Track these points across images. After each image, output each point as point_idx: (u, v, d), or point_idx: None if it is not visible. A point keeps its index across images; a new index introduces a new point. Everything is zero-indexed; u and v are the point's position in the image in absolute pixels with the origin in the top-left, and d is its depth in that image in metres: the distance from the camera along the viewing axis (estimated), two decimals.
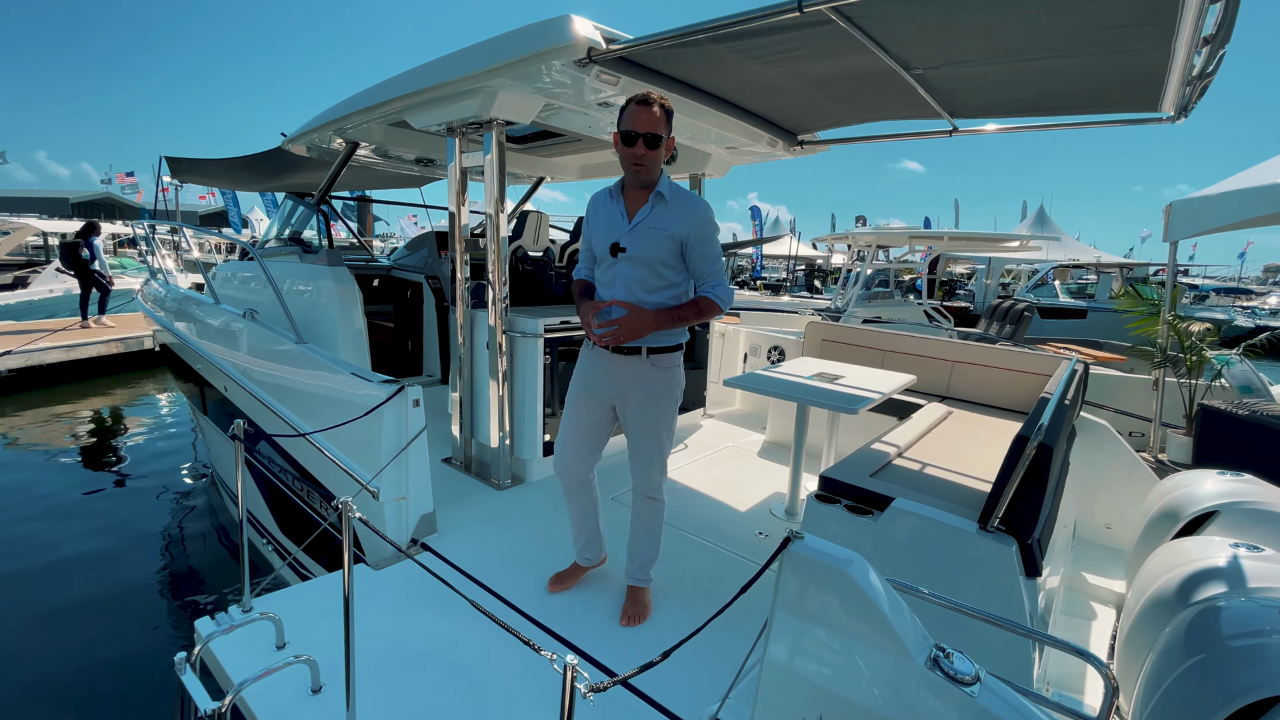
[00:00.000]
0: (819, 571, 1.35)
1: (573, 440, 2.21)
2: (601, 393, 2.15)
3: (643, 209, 1.99)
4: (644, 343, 2.03)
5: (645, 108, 1.89)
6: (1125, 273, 16.50)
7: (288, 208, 4.53)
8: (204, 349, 3.82)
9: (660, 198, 1.99)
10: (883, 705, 1.24)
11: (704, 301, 2.04)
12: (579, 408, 2.20)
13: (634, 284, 2.00)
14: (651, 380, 2.09)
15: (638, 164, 1.92)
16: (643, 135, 1.88)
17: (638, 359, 2.06)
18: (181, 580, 4.11)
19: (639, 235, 1.97)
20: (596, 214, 2.09)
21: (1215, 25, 1.91)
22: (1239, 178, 4.68)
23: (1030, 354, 3.70)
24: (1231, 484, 2.56)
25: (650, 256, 1.97)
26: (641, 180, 1.97)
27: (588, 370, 2.17)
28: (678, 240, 1.98)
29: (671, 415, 2.15)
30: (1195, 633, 1.73)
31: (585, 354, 2.19)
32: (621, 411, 2.16)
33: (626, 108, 1.92)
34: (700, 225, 1.98)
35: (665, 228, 1.96)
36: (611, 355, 2.07)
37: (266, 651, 1.91)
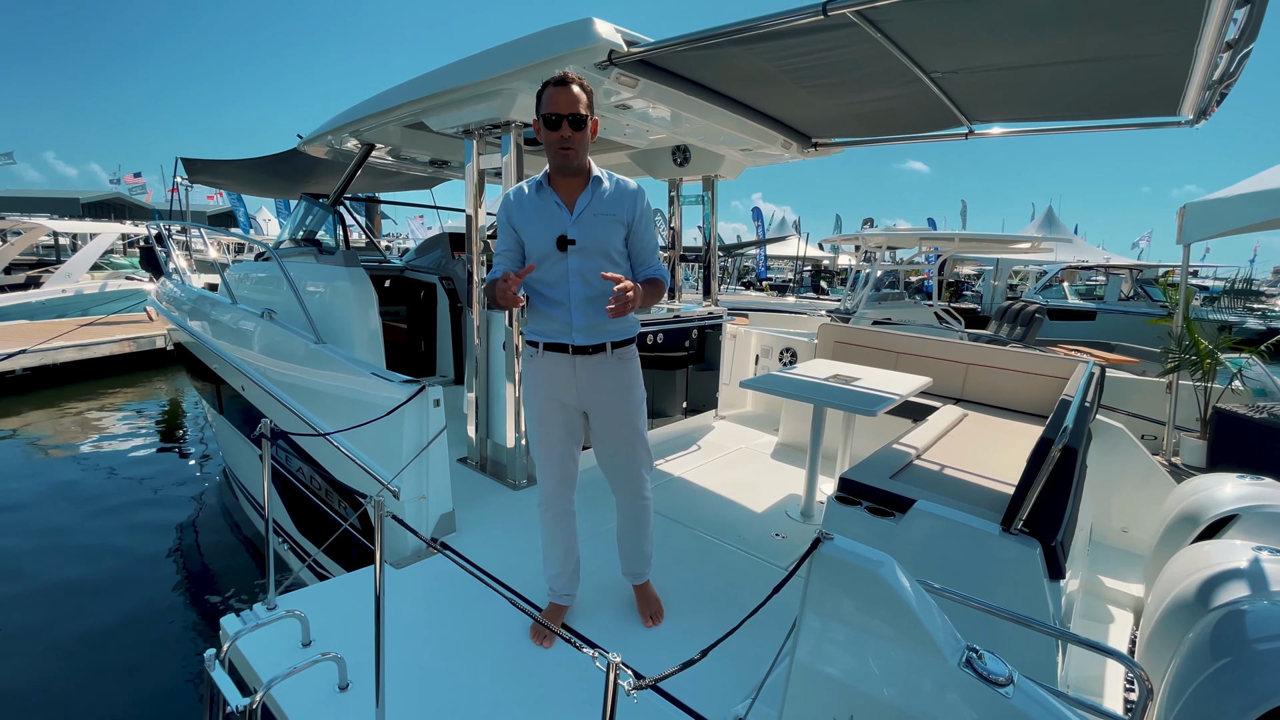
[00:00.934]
0: (850, 573, 1.35)
1: (556, 460, 2.06)
2: (571, 400, 2.00)
3: (583, 196, 1.88)
4: (607, 337, 1.95)
5: (564, 88, 1.77)
6: (1135, 274, 16.42)
7: (303, 208, 4.56)
8: (220, 348, 3.85)
9: (599, 182, 1.90)
10: (916, 706, 1.24)
11: (659, 282, 1.96)
12: (552, 422, 2.02)
13: (590, 275, 1.88)
14: (621, 374, 2.01)
15: (566, 147, 1.80)
16: (566, 117, 1.77)
17: (603, 356, 1.96)
18: (196, 578, 4.14)
19: (587, 224, 1.87)
20: (523, 211, 1.91)
21: (1239, 30, 1.91)
22: (1254, 180, 4.66)
23: (1045, 357, 3.69)
24: (1251, 488, 2.56)
25: (603, 244, 1.89)
26: (571, 165, 1.85)
27: (549, 379, 1.99)
28: (625, 224, 1.92)
29: (645, 407, 2.08)
30: (1221, 636, 1.72)
31: (540, 363, 1.98)
32: (596, 415, 2.03)
33: (544, 92, 1.81)
34: (644, 207, 1.95)
35: (612, 212, 1.89)
36: (574, 357, 1.94)
37: (292, 649, 1.93)
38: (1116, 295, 15.10)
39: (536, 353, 2.00)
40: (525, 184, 1.97)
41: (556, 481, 2.09)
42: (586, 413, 2.06)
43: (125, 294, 10.82)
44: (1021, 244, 8.01)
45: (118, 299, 10.76)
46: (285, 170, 5.79)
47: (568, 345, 1.94)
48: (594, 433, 2.08)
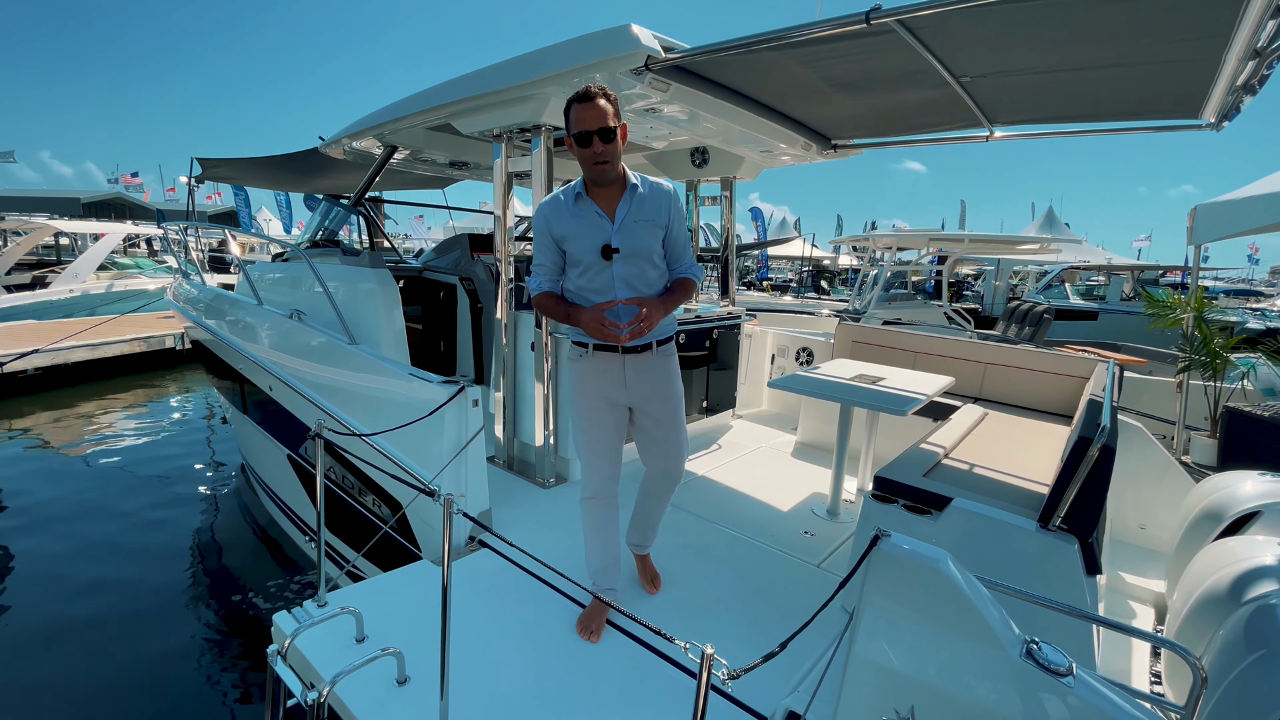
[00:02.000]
0: (909, 568, 1.40)
1: (606, 457, 2.14)
2: (620, 399, 2.10)
3: (622, 204, 1.94)
4: (651, 337, 2.05)
5: (590, 104, 1.82)
6: (1136, 275, 16.51)
7: (323, 209, 4.59)
8: (246, 349, 3.88)
9: (635, 188, 1.95)
10: (978, 697, 1.29)
11: (689, 282, 2.06)
12: (603, 421, 2.11)
13: (635, 280, 1.97)
14: (665, 370, 2.12)
15: (600, 162, 1.86)
16: (595, 132, 1.82)
17: (648, 354, 2.06)
18: (217, 575, 4.17)
19: (629, 231, 1.93)
20: (564, 221, 1.97)
21: (1269, 37, 1.95)
22: (1264, 182, 4.72)
23: (1063, 357, 3.74)
24: (1273, 484, 2.60)
25: (645, 250, 1.96)
26: (607, 177, 1.91)
27: (598, 379, 2.08)
28: (663, 227, 1.99)
29: (683, 401, 2.20)
30: (1254, 630, 1.77)
31: (589, 363, 2.07)
32: (642, 410, 2.13)
33: (570, 109, 1.86)
34: (678, 208, 2.03)
35: (651, 217, 1.96)
36: (623, 357, 2.03)
37: (347, 645, 1.97)
38: (1119, 296, 15.19)
39: (586, 353, 2.08)
40: (560, 194, 2.02)
41: (605, 477, 2.16)
42: (631, 407, 2.15)
43: (131, 294, 10.83)
44: (1029, 245, 8.07)
45: (123, 299, 10.77)
46: (301, 167, 5.82)
47: (618, 345, 2.01)
48: (638, 427, 2.19)
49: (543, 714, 1.78)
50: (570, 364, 2.14)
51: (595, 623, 2.11)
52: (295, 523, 4.02)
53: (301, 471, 3.61)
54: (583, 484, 2.19)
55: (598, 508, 2.17)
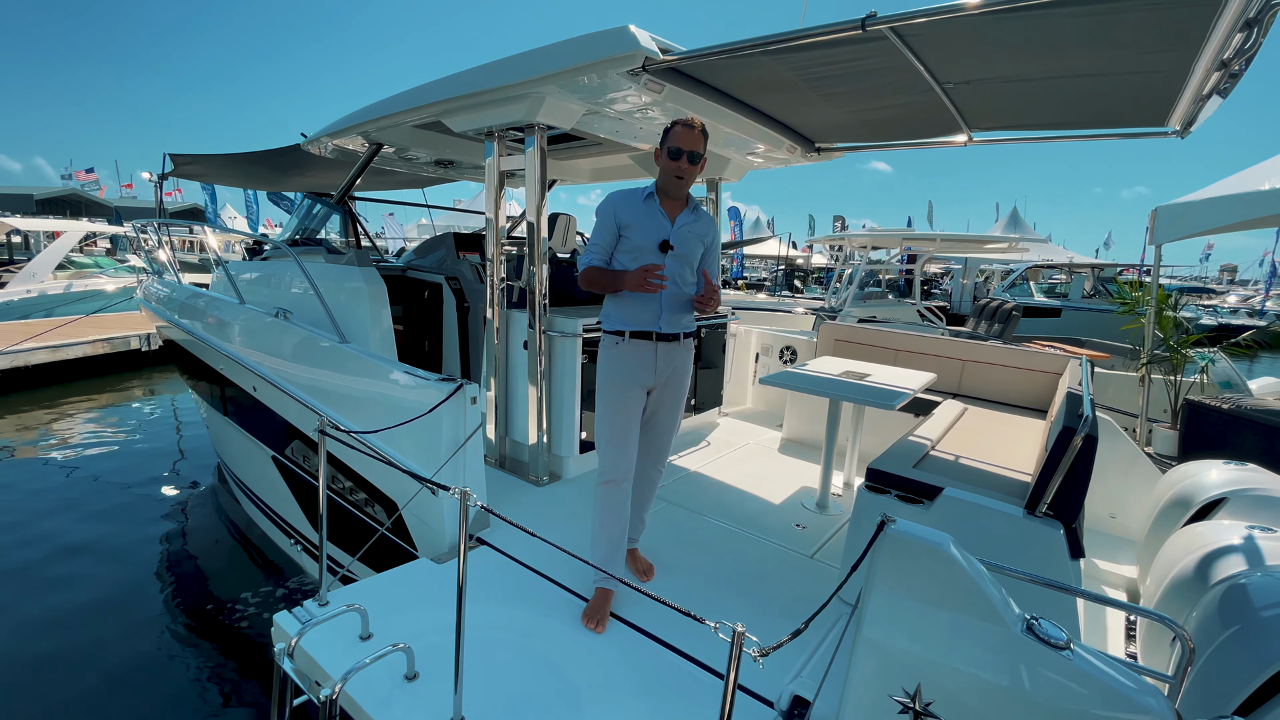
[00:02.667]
0: (916, 551, 1.46)
1: (629, 441, 2.31)
2: (648, 382, 2.31)
3: (682, 215, 2.28)
4: (681, 328, 2.32)
5: (691, 130, 2.18)
6: (1096, 273, 17.15)
7: (304, 207, 4.52)
8: (228, 349, 3.80)
9: (695, 207, 2.32)
10: (983, 671, 1.35)
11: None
12: (632, 404, 2.30)
13: (678, 278, 2.28)
14: (686, 360, 2.39)
15: (682, 177, 2.20)
16: (687, 152, 2.17)
17: (677, 343, 2.32)
18: (196, 582, 4.07)
19: (683, 237, 2.26)
20: (632, 212, 2.25)
21: (1234, 49, 2.07)
22: (1222, 184, 4.96)
23: (1038, 353, 3.89)
24: (1236, 473, 2.75)
25: (690, 256, 2.30)
26: (680, 192, 2.25)
27: (632, 365, 2.28)
28: (705, 245, 2.35)
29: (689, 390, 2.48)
30: (1227, 607, 1.88)
31: (625, 350, 2.28)
32: (661, 395, 2.37)
33: (673, 129, 2.19)
34: (718, 235, 2.45)
35: (700, 234, 2.31)
36: (656, 344, 2.27)
37: (351, 643, 1.96)
38: (1080, 293, 15.77)
39: (622, 340, 2.28)
40: (632, 190, 2.31)
41: (627, 461, 2.31)
42: (652, 390, 2.36)
43: (91, 294, 10.44)
44: (998, 244, 8.33)
45: (83, 299, 10.39)
46: (279, 164, 5.71)
47: (653, 333, 2.27)
48: (653, 408, 2.40)
49: (555, 706, 1.80)
50: (604, 352, 2.32)
51: (600, 613, 2.17)
52: (280, 525, 3.96)
53: (287, 473, 3.55)
54: (600, 469, 2.31)
55: (615, 491, 2.29)
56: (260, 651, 3.36)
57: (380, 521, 2.86)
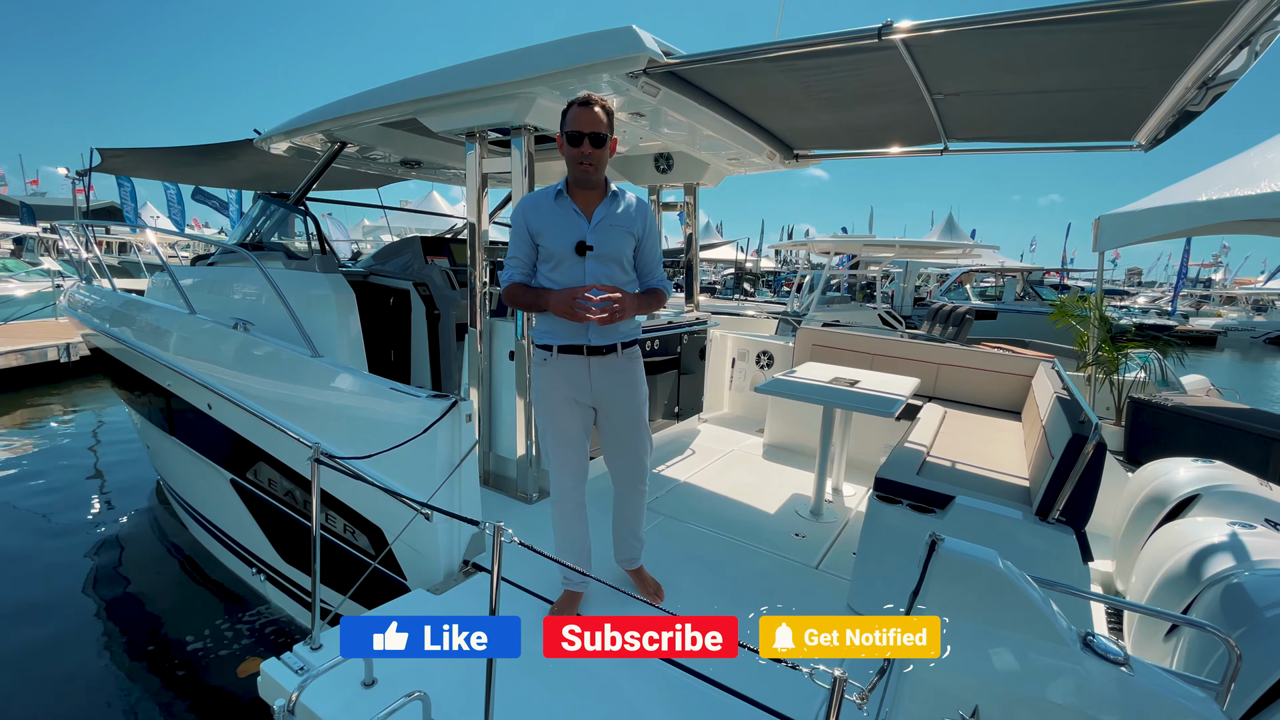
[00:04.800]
0: (969, 569, 1.43)
1: (571, 457, 2.16)
2: (585, 398, 2.13)
3: (601, 207, 2.03)
4: (616, 338, 2.10)
5: (588, 109, 1.93)
6: (1026, 276, 18.15)
7: (258, 208, 4.21)
8: (178, 363, 3.48)
9: (615, 196, 2.06)
10: (1044, 691, 1.33)
11: (659, 292, 2.16)
12: (568, 423, 2.13)
13: (604, 279, 2.03)
14: (630, 372, 2.16)
15: (586, 163, 1.95)
16: (588, 135, 1.92)
17: (614, 355, 2.11)
18: (139, 619, 3.71)
19: (604, 233, 2.01)
20: (541, 215, 2.03)
21: (1218, 69, 2.16)
22: (1160, 195, 5.29)
23: (1009, 356, 4.03)
24: (1206, 470, 2.90)
25: (617, 253, 2.04)
26: (591, 180, 2.00)
27: (563, 379, 2.10)
28: (636, 237, 2.09)
29: (648, 402, 2.25)
30: (1229, 608, 1.94)
31: (554, 365, 2.10)
32: (606, 412, 2.17)
33: (569, 111, 1.96)
34: (652, 222, 2.14)
35: (626, 225, 2.05)
36: (587, 358, 2.08)
37: (354, 691, 1.79)
38: (1013, 296, 16.66)
39: (551, 355, 2.09)
40: (541, 192, 2.08)
41: (573, 479, 2.19)
42: (596, 409, 2.17)
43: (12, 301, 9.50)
44: (953, 250, 8.68)
45: None
46: (223, 160, 5.32)
47: (583, 346, 2.07)
48: (603, 428, 2.21)
49: None
50: (535, 368, 2.14)
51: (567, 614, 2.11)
52: (238, 553, 3.65)
53: (250, 497, 3.28)
54: (551, 486, 2.21)
55: (565, 509, 2.21)
56: (230, 698, 3.08)
57: (362, 549, 2.66)
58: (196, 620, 3.62)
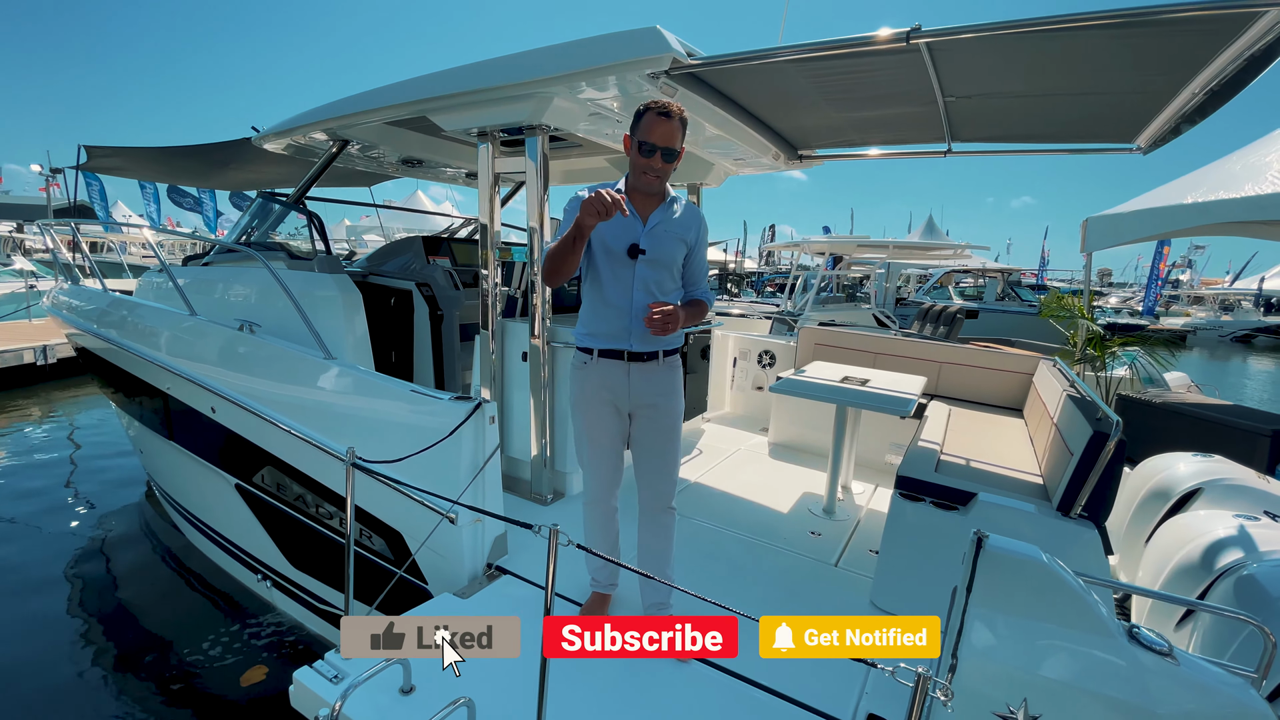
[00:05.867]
0: (1013, 565, 1.46)
1: (606, 463, 2.11)
2: (624, 405, 2.06)
3: (657, 213, 1.98)
4: (660, 345, 2.03)
5: (667, 120, 1.83)
6: (1006, 277, 18.51)
7: (256, 207, 4.13)
8: (178, 365, 3.39)
9: (673, 202, 2.01)
10: (1093, 683, 1.36)
11: (704, 304, 2.10)
12: (604, 426, 2.07)
13: (653, 286, 1.98)
14: (669, 381, 2.08)
15: (652, 174, 1.90)
16: (661, 149, 1.85)
17: (655, 363, 2.04)
18: (136, 632, 3.62)
19: (657, 238, 1.96)
20: None
21: (1226, 77, 2.22)
22: (1147, 197, 5.42)
23: (1009, 354, 4.10)
24: (1205, 464, 2.99)
25: (668, 259, 1.99)
26: (652, 189, 1.96)
27: (603, 383, 2.04)
28: (688, 245, 2.03)
29: (682, 415, 2.16)
30: (1244, 599, 2.00)
31: (593, 368, 2.04)
32: (641, 421, 2.08)
33: (645, 116, 1.86)
34: (704, 232, 2.10)
35: (680, 233, 2.00)
36: (628, 364, 2.01)
37: (394, 699, 1.77)
38: (994, 296, 16.98)
39: (591, 359, 2.05)
40: (600, 186, 1.97)
41: (606, 484, 2.15)
42: (632, 415, 2.10)
43: None
44: (944, 250, 8.82)
45: None
46: (216, 160, 5.20)
47: (624, 351, 2.01)
48: (635, 436, 2.13)
49: None
50: (574, 371, 2.10)
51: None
52: (243, 560, 3.58)
53: (256, 503, 3.21)
54: (584, 489, 2.19)
55: (597, 512, 2.18)
56: (232, 706, 3.02)
57: (380, 554, 2.62)
58: (196, 629, 3.54)
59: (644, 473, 2.15)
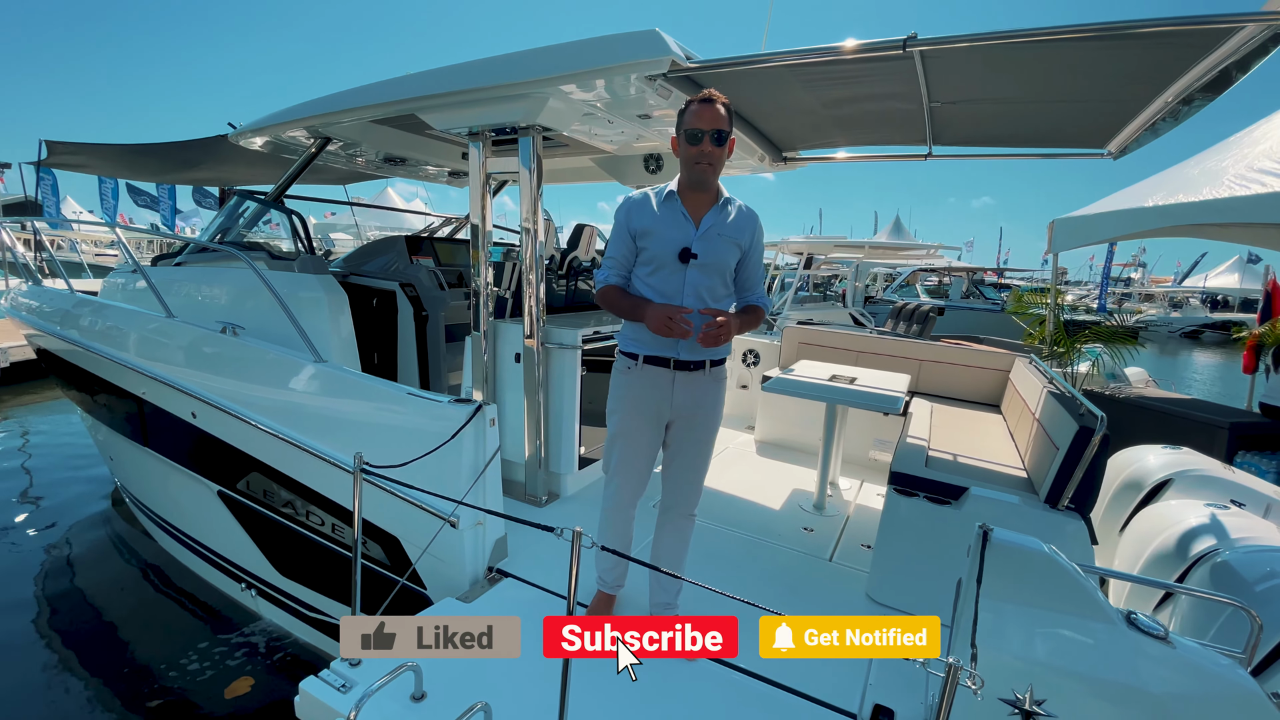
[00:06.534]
0: (1017, 556, 1.51)
1: (635, 471, 2.08)
2: (664, 414, 2.02)
3: (710, 214, 1.92)
4: (708, 355, 1.98)
5: (710, 106, 1.83)
6: (971, 276, 19.07)
7: (232, 205, 4.01)
8: (155, 369, 3.28)
9: (727, 203, 1.95)
10: (1095, 668, 1.42)
11: (760, 310, 2.05)
12: (642, 435, 2.04)
13: (704, 291, 1.93)
14: (713, 393, 2.04)
15: (706, 162, 1.85)
16: (709, 132, 1.82)
17: (701, 373, 1.98)
18: (113, 646, 3.49)
19: (710, 241, 1.90)
20: (648, 216, 1.93)
21: (1200, 88, 2.33)
22: (1111, 199, 5.65)
23: (986, 352, 4.23)
24: (1174, 456, 3.12)
25: (721, 264, 1.93)
26: (707, 181, 1.89)
27: (646, 392, 1.99)
28: (742, 249, 1.97)
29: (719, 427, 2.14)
30: (1221, 583, 2.11)
31: (637, 375, 1.99)
32: (681, 429, 2.05)
33: (688, 108, 1.86)
34: (759, 234, 2.04)
35: (734, 235, 1.94)
36: (673, 372, 1.96)
37: (405, 706, 1.75)
38: (960, 294, 17.50)
39: (635, 365, 1.99)
40: (650, 191, 1.99)
41: (631, 493, 2.12)
42: (670, 424, 2.06)
43: None
44: (917, 250, 9.04)
45: None
46: (187, 158, 5.02)
47: (670, 360, 1.95)
48: (671, 445, 2.10)
49: None
50: (617, 375, 2.06)
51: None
52: (225, 568, 3.48)
53: (240, 509, 3.13)
54: (606, 492, 2.14)
55: (616, 516, 2.14)
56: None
57: (377, 560, 2.58)
58: (175, 643, 3.42)
59: (673, 477, 2.12)
